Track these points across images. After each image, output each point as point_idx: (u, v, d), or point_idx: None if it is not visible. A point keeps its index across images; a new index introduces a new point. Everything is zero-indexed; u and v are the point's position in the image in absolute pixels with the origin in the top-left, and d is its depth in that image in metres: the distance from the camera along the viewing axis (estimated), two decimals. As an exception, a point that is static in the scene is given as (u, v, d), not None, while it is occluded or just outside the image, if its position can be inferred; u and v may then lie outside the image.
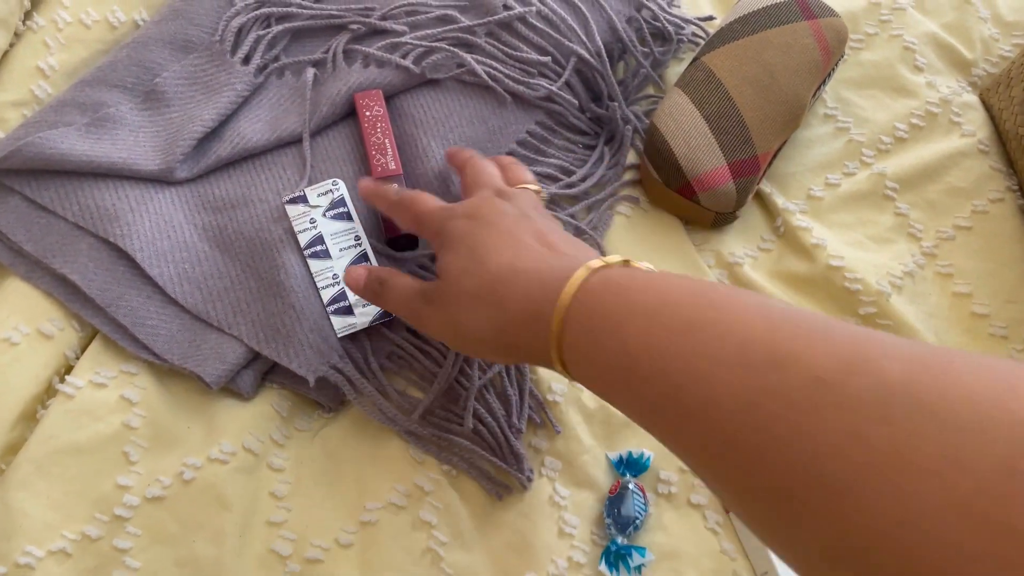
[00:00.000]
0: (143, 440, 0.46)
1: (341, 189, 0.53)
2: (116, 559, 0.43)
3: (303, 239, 0.51)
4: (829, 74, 0.62)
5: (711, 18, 0.68)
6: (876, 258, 0.59)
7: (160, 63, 0.56)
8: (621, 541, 0.47)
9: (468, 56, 0.57)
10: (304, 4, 0.60)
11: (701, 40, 0.67)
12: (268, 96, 0.57)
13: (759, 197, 0.62)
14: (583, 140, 0.61)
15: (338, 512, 0.47)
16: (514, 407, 0.49)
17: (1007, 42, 0.70)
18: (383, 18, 0.59)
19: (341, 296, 0.50)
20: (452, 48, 0.57)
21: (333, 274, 0.51)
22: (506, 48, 0.59)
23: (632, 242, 0.58)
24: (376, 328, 0.51)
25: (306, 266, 0.51)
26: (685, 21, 0.66)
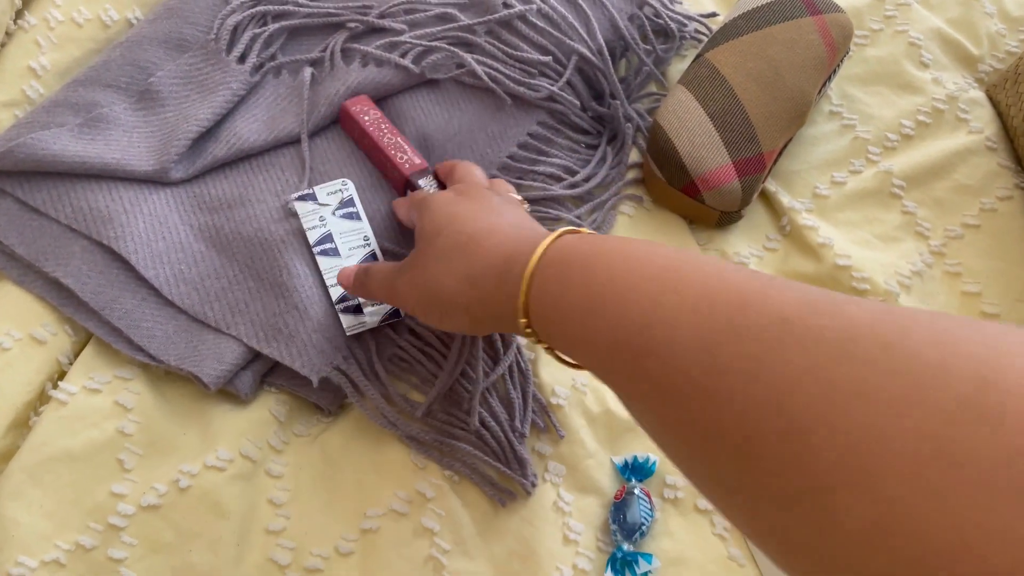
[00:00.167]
0: (138, 447, 0.45)
1: (350, 189, 0.52)
2: (111, 569, 0.42)
3: (312, 236, 0.50)
4: (834, 70, 0.61)
5: (714, 14, 0.67)
6: (884, 257, 0.58)
7: (154, 62, 0.55)
8: (627, 548, 0.46)
9: (468, 56, 0.56)
10: (301, 2, 0.59)
11: (704, 37, 0.66)
12: (265, 95, 0.56)
13: (764, 196, 0.61)
14: (586, 139, 0.60)
15: (338, 519, 0.46)
16: (517, 411, 0.48)
17: (1013, 37, 0.69)
18: (381, 16, 0.58)
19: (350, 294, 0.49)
20: (452, 47, 0.56)
21: None
22: (506, 47, 0.58)
23: (636, 242, 0.57)
24: (380, 329, 0.50)
25: (311, 265, 0.50)
26: (688, 18, 0.65)
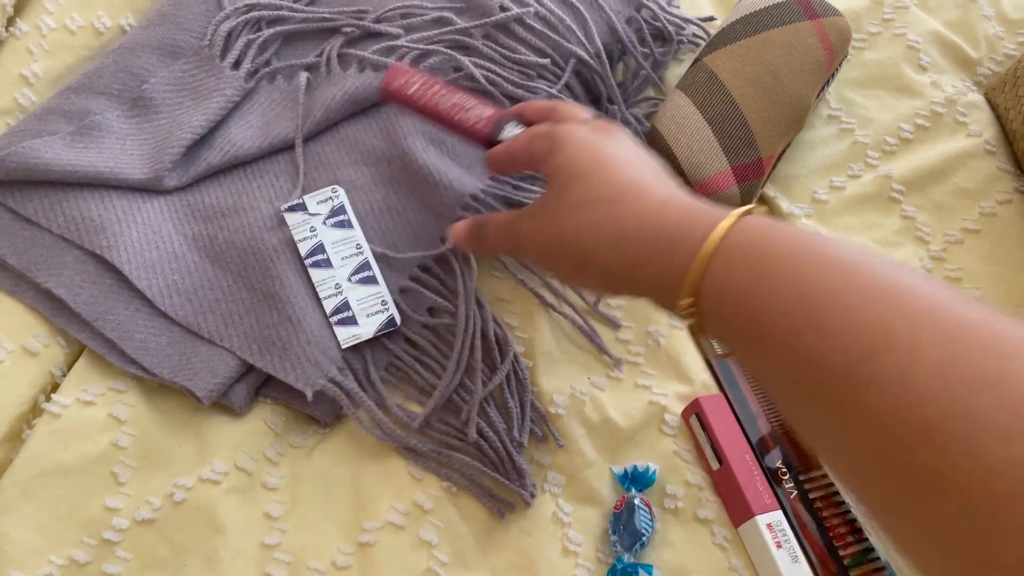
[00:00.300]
0: (132, 460, 0.44)
1: (341, 196, 0.51)
2: (105, 584, 0.42)
3: (303, 248, 0.50)
4: (833, 74, 0.61)
5: (712, 18, 0.67)
6: (883, 262, 0.57)
7: (148, 69, 0.54)
8: (627, 559, 0.46)
9: (465, 59, 0.55)
10: (295, 7, 0.58)
11: (702, 41, 0.66)
12: (259, 102, 0.56)
13: (763, 201, 0.60)
14: (583, 144, 0.60)
15: (335, 532, 0.45)
16: (515, 420, 0.48)
17: (1012, 40, 0.69)
18: (377, 21, 0.58)
19: (344, 306, 0.49)
20: (449, 51, 0.56)
21: (335, 284, 0.49)
22: (504, 50, 0.57)
23: (634, 248, 0.57)
24: (376, 339, 0.49)
25: (304, 276, 0.49)
26: (685, 21, 0.65)
